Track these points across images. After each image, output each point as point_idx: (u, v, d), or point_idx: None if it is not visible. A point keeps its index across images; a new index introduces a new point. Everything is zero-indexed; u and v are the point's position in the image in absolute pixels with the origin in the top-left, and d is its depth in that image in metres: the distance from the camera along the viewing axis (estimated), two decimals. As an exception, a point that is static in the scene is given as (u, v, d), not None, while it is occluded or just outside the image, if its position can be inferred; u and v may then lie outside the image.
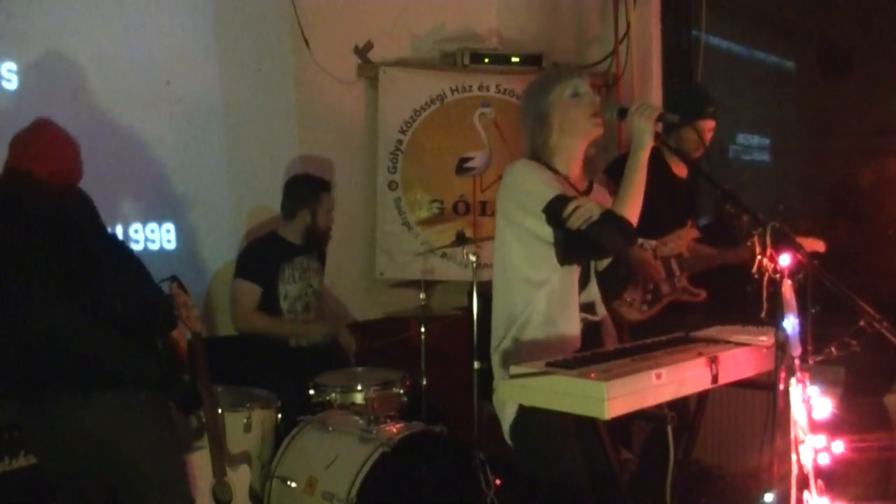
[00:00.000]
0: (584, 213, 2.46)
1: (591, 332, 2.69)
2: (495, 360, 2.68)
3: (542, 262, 2.57)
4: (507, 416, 2.61)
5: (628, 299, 3.62)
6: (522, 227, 2.58)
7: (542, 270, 2.58)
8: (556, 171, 2.65)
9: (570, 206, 2.47)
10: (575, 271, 2.62)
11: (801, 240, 3.44)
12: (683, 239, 3.68)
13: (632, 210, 2.54)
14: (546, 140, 2.66)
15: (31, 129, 2.86)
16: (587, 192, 2.74)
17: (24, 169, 2.76)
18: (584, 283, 2.68)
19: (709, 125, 3.57)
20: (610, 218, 2.49)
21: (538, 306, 2.57)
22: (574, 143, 2.66)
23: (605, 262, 2.72)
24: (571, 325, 2.61)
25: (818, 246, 3.52)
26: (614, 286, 2.80)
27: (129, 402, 2.74)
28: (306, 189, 4.24)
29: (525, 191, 2.57)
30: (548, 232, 2.54)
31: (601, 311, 2.74)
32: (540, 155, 2.68)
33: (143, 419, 2.78)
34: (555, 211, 2.50)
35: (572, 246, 2.53)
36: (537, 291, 2.57)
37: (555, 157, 2.67)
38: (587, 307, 2.69)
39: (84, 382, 2.69)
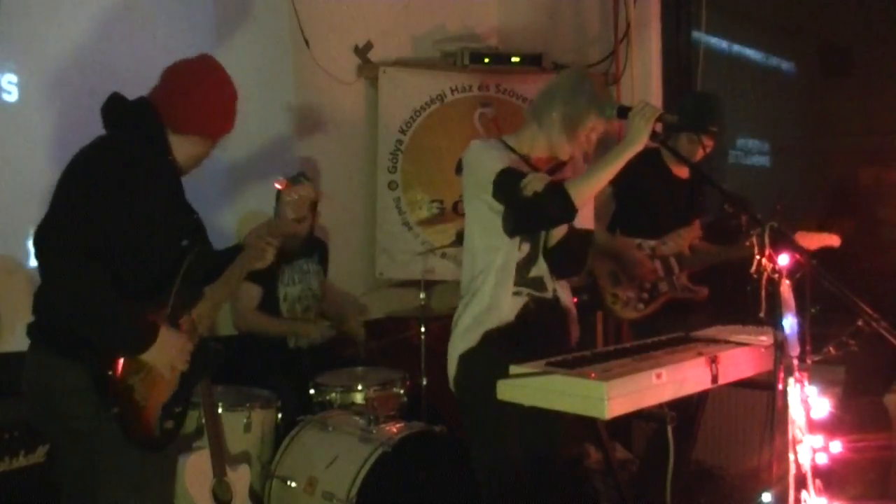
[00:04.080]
0: (537, 181, 2.59)
1: (544, 310, 2.75)
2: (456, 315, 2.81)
3: (497, 231, 2.70)
4: (451, 370, 2.78)
5: (623, 298, 3.64)
6: (480, 201, 2.72)
7: (497, 238, 2.70)
8: (513, 151, 2.78)
9: (529, 177, 2.61)
10: (517, 247, 2.71)
11: (814, 234, 3.46)
12: (685, 238, 3.69)
13: (584, 191, 2.60)
14: (540, 130, 2.75)
15: None
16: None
17: None
18: (533, 259, 2.76)
19: (707, 142, 3.49)
20: (555, 189, 2.58)
21: (492, 270, 2.70)
22: (547, 149, 2.78)
23: (554, 240, 2.76)
24: (508, 294, 2.71)
25: (833, 241, 3.48)
26: (566, 266, 2.82)
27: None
28: None
29: (480, 168, 2.71)
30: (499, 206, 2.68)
31: (550, 287, 2.78)
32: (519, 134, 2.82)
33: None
34: (504, 182, 2.64)
35: (519, 216, 2.64)
36: (494, 256, 2.70)
37: (527, 144, 2.79)
38: (534, 282, 2.76)
39: None
